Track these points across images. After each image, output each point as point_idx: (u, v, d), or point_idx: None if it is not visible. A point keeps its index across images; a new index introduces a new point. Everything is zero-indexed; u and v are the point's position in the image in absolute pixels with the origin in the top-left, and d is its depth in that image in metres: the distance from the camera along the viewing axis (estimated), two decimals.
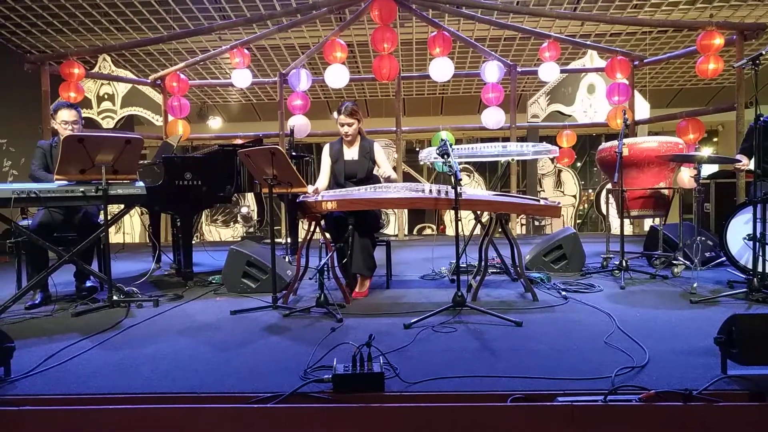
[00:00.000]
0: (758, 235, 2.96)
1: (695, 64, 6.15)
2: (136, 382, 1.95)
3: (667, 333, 2.43)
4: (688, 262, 3.74)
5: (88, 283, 3.61)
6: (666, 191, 4.25)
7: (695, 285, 3.24)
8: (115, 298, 3.15)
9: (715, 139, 12.86)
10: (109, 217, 3.32)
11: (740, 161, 3.60)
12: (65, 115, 3.47)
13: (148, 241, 5.84)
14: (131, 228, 9.59)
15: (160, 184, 3.76)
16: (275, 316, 2.93)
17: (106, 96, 7.74)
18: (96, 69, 7.42)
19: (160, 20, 7.44)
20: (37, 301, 3.27)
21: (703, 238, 3.74)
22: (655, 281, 3.68)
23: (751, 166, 3.43)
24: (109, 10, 7.04)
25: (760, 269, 2.97)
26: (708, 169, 5.93)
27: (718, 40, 5.80)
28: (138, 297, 3.31)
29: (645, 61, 6.93)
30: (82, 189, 3.02)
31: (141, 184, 3.19)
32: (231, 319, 2.89)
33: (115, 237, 8.54)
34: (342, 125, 3.52)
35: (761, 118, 3.02)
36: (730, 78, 9.50)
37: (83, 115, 3.67)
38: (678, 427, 1.65)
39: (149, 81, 7.38)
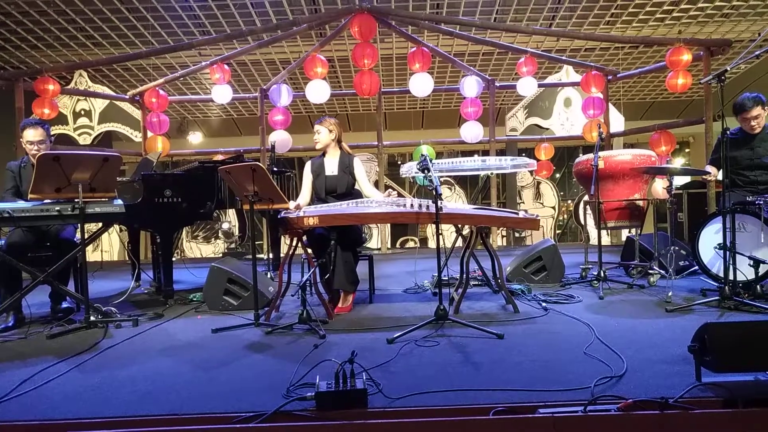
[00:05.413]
0: (728, 244, 3.05)
1: (666, 79, 6.35)
2: (114, 406, 1.92)
3: (644, 342, 2.48)
4: (663, 272, 3.83)
5: (64, 304, 3.53)
6: (641, 202, 4.36)
7: (670, 294, 3.32)
8: (92, 318, 3.08)
9: (687, 150, 13.21)
10: (86, 236, 3.26)
11: (709, 173, 3.72)
12: (30, 134, 3.38)
13: (127, 258, 5.74)
14: (109, 246, 9.40)
15: (139, 201, 3.72)
16: (257, 333, 2.91)
17: (82, 112, 7.63)
18: (72, 84, 7.32)
19: (139, 36, 7.40)
20: (10, 324, 3.17)
21: (677, 248, 3.83)
22: (632, 291, 3.76)
23: (720, 176, 3.54)
24: (86, 25, 6.99)
25: (731, 277, 3.05)
26: (680, 180, 6.09)
27: (686, 56, 6.00)
28: (116, 317, 3.25)
29: (618, 75, 7.13)
30: (58, 208, 2.97)
31: (119, 201, 3.16)
32: (213, 338, 2.87)
33: (92, 255, 8.37)
34: (314, 133, 3.65)
35: (727, 132, 3.13)
36: (699, 92, 9.80)
37: (59, 132, 3.61)
38: None
39: (128, 97, 7.32)
